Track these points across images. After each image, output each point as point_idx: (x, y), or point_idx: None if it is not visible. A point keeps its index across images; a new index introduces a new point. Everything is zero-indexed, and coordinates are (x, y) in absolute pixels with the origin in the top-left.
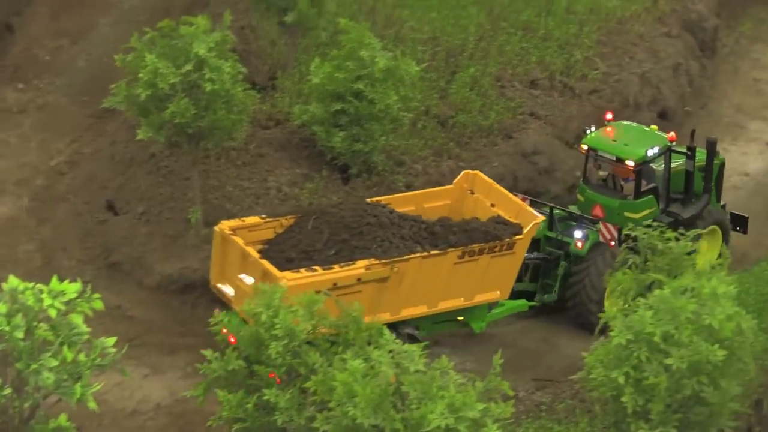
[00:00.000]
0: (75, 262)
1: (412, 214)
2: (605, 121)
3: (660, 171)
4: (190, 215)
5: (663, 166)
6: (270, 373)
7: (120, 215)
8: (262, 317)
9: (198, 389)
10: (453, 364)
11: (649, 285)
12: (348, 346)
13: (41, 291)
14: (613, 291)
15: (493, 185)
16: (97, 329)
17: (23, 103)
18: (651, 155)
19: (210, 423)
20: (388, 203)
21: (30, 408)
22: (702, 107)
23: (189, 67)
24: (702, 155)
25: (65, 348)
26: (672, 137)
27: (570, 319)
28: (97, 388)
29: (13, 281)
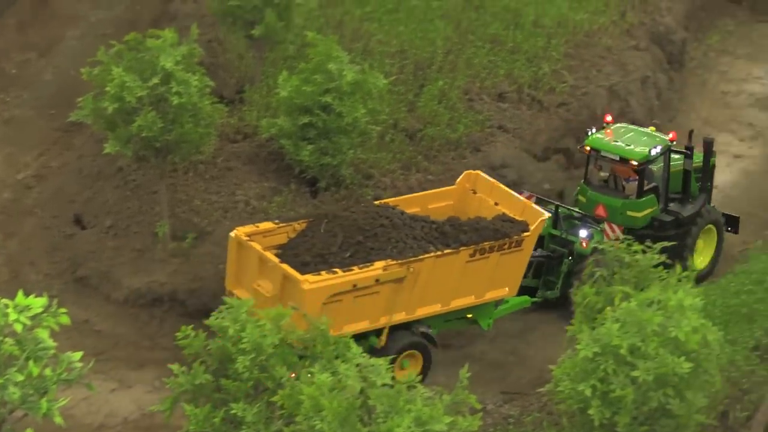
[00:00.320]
0: (42, 276)
1: (418, 215)
2: (604, 123)
3: (658, 171)
4: (157, 229)
5: (662, 165)
6: None
7: (87, 229)
8: (229, 331)
9: (165, 403)
10: (420, 377)
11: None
12: (315, 359)
13: (7, 306)
14: (579, 304)
15: (496, 184)
16: (65, 344)
17: None
18: (654, 155)
19: None
20: (396, 205)
21: None
22: (670, 120)
23: (156, 81)
24: (698, 156)
25: (31, 363)
26: (673, 137)
27: (572, 315)
28: (64, 402)
29: None
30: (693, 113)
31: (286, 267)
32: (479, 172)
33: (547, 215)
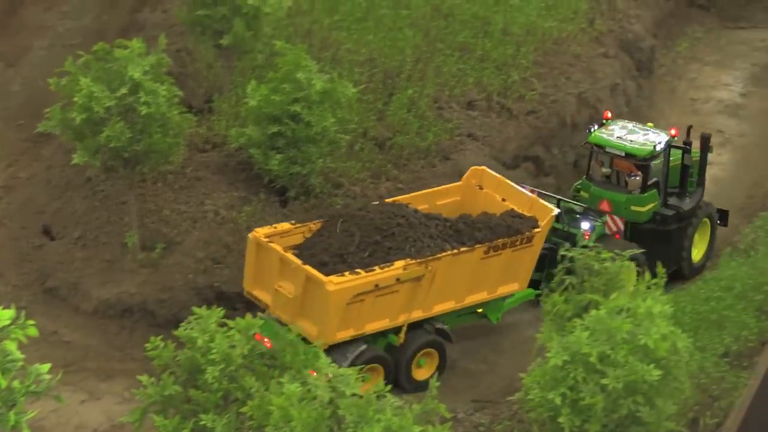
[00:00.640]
0: (11, 287)
1: (432, 213)
2: (604, 120)
3: (656, 166)
4: (126, 239)
5: (662, 161)
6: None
7: (56, 240)
8: (198, 342)
9: (134, 415)
10: (390, 386)
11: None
12: (285, 369)
13: None
14: (548, 313)
15: (502, 180)
16: (34, 355)
17: None
18: (659, 150)
19: None
20: (408, 203)
21: None
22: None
23: (124, 91)
24: (695, 152)
25: None
26: (674, 133)
27: None
28: (32, 415)
29: None
30: (662, 120)
31: (309, 268)
32: (484, 167)
33: (557, 210)
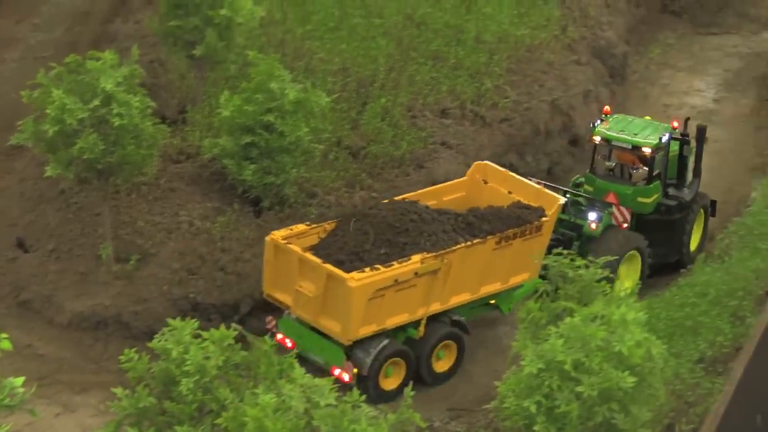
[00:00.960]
0: None
1: (442, 208)
2: (603, 115)
3: (658, 157)
4: (101, 251)
5: (663, 153)
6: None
7: (30, 253)
8: (172, 353)
9: (109, 427)
10: (364, 396)
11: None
12: (259, 380)
13: None
14: (522, 321)
15: (507, 173)
16: (7, 368)
17: None
18: (665, 142)
19: None
20: (417, 200)
21: None
22: None
23: (97, 103)
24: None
25: None
26: (678, 125)
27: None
28: (6, 429)
29: None
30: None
31: (329, 266)
32: (487, 162)
33: (563, 199)
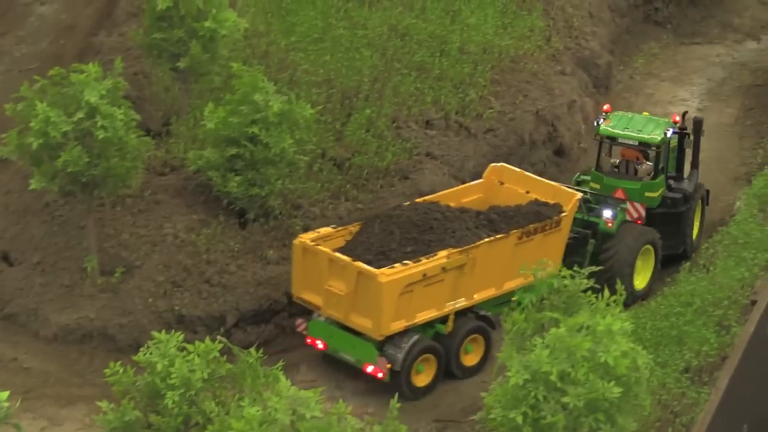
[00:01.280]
0: None
1: (463, 207)
2: (603, 113)
3: (663, 152)
4: (86, 264)
5: (667, 147)
6: None
7: (15, 266)
8: (157, 366)
9: None
10: (350, 408)
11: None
12: (244, 393)
13: None
14: (508, 331)
15: (523, 173)
16: None
17: None
18: (669, 137)
19: None
20: (436, 201)
21: None
22: (597, 144)
23: (81, 115)
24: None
25: None
26: (678, 120)
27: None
28: None
29: None
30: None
31: (360, 264)
32: (503, 164)
33: (580, 194)
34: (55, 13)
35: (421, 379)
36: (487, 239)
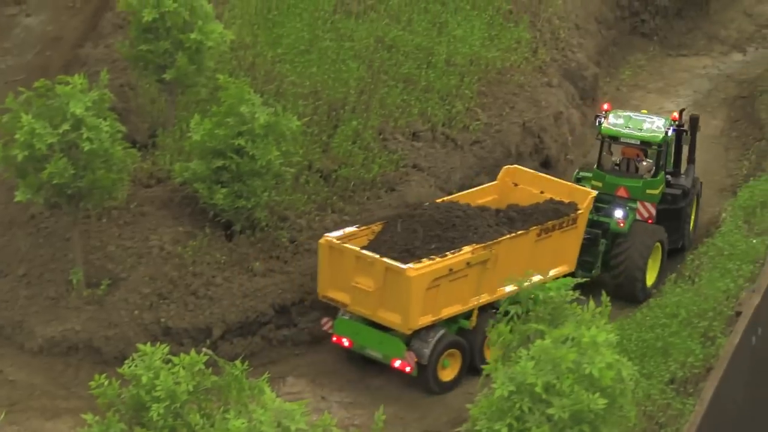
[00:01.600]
0: None
1: (483, 205)
2: (603, 111)
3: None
4: (71, 276)
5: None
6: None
7: (0, 278)
8: (142, 379)
9: None
10: (336, 420)
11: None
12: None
13: None
14: (494, 342)
15: (537, 174)
16: None
17: None
18: (671, 135)
19: None
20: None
21: None
22: (584, 155)
23: (66, 127)
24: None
25: None
26: (675, 117)
27: (616, 293)
28: None
29: None
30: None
31: (387, 260)
32: (516, 166)
33: (595, 193)
34: (41, 25)
35: (447, 374)
36: (509, 235)
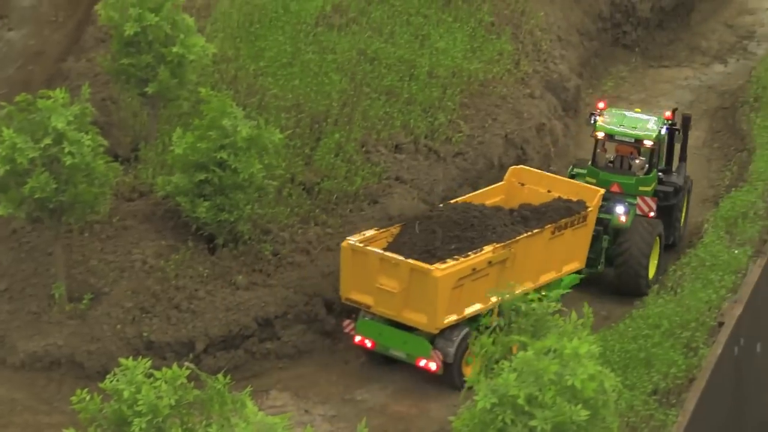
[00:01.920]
0: None
1: (497, 206)
2: (598, 110)
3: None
4: (53, 291)
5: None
6: None
7: None
8: (124, 394)
9: None
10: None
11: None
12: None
13: None
14: (477, 354)
15: (542, 173)
16: None
17: None
18: (664, 134)
19: None
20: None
21: None
22: (567, 167)
23: (48, 141)
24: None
25: None
26: (669, 116)
27: (619, 288)
28: None
29: None
30: (589, 160)
31: (413, 261)
32: (522, 166)
33: (602, 191)
34: (23, 39)
35: (470, 370)
36: (527, 233)
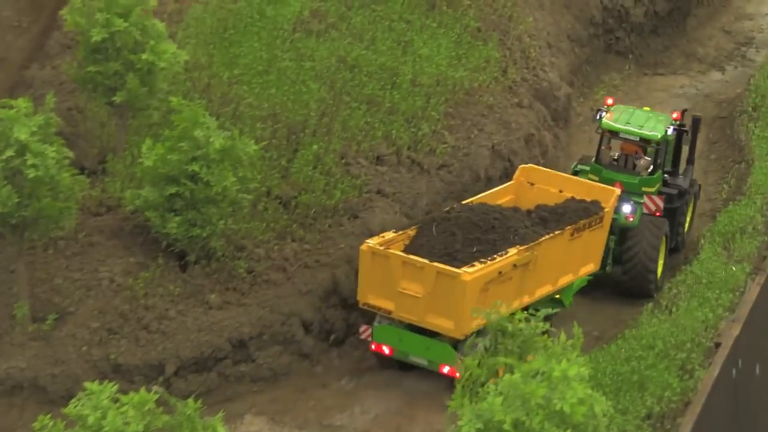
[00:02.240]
0: None
1: (514, 207)
2: (606, 106)
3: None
4: (16, 311)
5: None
6: None
7: None
8: (89, 420)
9: None
10: None
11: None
12: None
13: None
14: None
15: (552, 173)
16: None
17: None
18: (670, 134)
19: None
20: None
21: None
22: None
23: (10, 153)
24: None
25: None
26: (677, 116)
27: (627, 289)
28: None
29: None
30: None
31: (439, 264)
32: (532, 165)
33: (618, 191)
34: None
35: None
36: (548, 236)
